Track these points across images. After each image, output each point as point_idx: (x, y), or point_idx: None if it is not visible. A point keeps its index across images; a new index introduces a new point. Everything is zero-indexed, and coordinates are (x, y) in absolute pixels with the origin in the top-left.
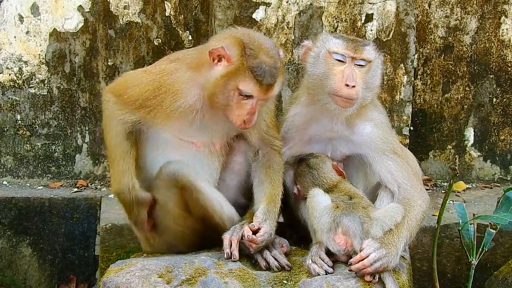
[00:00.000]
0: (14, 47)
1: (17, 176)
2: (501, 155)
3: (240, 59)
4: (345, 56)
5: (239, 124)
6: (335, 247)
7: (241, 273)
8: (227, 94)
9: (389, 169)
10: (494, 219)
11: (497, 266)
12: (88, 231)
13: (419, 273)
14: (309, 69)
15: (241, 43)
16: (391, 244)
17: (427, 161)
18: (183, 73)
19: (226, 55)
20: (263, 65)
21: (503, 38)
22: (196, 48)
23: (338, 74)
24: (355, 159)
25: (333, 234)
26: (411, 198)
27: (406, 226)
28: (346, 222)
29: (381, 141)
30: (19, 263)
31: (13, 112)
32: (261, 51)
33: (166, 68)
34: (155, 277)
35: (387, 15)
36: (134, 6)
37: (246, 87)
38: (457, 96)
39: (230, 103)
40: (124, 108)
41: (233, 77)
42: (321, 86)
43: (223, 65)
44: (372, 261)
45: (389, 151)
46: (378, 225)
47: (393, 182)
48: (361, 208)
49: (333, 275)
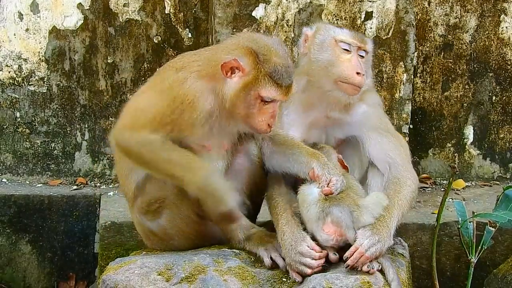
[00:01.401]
0: (13, 45)
1: (17, 174)
2: (500, 153)
3: (256, 67)
4: (352, 45)
5: (264, 128)
6: (323, 236)
7: (241, 270)
8: (248, 103)
9: (382, 146)
10: (493, 217)
11: (496, 264)
12: (87, 229)
13: (418, 271)
14: (314, 55)
15: (252, 51)
16: (382, 227)
17: (427, 159)
18: (194, 82)
19: (240, 67)
20: (279, 67)
21: (503, 36)
22: (200, 54)
23: (346, 62)
24: (349, 144)
25: (321, 223)
26: (401, 177)
27: (396, 206)
28: (335, 212)
29: (375, 118)
30: (19, 261)
31: (12, 110)
32: (273, 54)
33: (175, 79)
34: (155, 275)
35: (386, 13)
36: (133, 4)
37: (268, 93)
38: (457, 94)
39: (252, 110)
40: (152, 132)
41: (253, 87)
42: (326, 73)
43: (238, 77)
44: (367, 247)
45: (383, 129)
46: (368, 212)
47: (385, 159)
48: (348, 197)
49: (333, 273)
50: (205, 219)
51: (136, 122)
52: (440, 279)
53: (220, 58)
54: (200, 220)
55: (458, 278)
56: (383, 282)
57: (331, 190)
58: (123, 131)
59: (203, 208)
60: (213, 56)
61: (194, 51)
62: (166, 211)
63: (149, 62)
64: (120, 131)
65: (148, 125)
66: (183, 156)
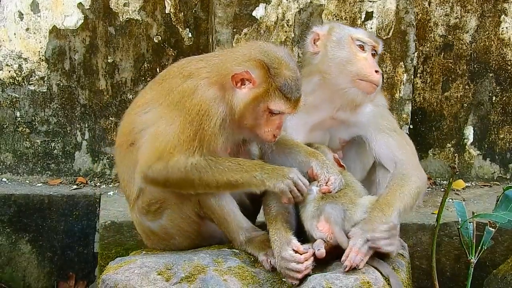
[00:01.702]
0: (14, 44)
1: (17, 173)
2: (500, 154)
3: (267, 80)
4: (367, 44)
5: (270, 139)
6: (318, 234)
7: (240, 270)
8: (256, 115)
9: (388, 145)
10: (493, 217)
11: (496, 265)
12: (87, 228)
13: (418, 271)
14: (330, 52)
15: (264, 64)
16: (376, 221)
17: (427, 160)
18: (206, 90)
19: (251, 79)
20: (289, 81)
21: (503, 37)
22: (208, 60)
23: (363, 60)
24: (352, 146)
25: (316, 221)
26: (407, 173)
27: (398, 197)
28: (328, 209)
29: (381, 118)
30: (18, 260)
31: (12, 109)
32: (283, 67)
33: (184, 88)
34: (154, 274)
35: (387, 13)
36: (134, 4)
37: (277, 106)
38: (457, 94)
39: (260, 122)
40: (186, 156)
41: (262, 99)
42: (344, 70)
43: (248, 88)
44: (360, 246)
45: (389, 129)
46: (362, 211)
47: (391, 158)
48: (345, 196)
49: (332, 273)
50: (205, 219)
51: (164, 150)
52: (440, 279)
53: (231, 68)
54: (201, 220)
55: (458, 279)
56: (383, 282)
57: (329, 189)
58: (152, 164)
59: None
60: (224, 65)
61: (200, 56)
62: (167, 211)
63: (149, 62)
64: (149, 166)
65: (177, 149)
66: (239, 163)
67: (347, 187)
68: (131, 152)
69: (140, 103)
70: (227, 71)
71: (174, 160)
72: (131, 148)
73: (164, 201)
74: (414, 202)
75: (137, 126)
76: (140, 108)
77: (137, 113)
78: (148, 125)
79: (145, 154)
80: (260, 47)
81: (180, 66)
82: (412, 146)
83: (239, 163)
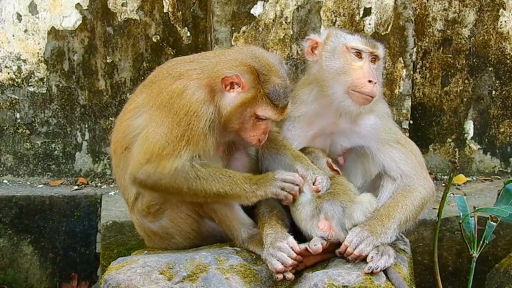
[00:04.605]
0: (12, 46)
1: (17, 175)
2: (501, 148)
3: (256, 86)
4: (364, 51)
5: (255, 143)
6: (318, 233)
7: (242, 268)
8: (243, 119)
9: (393, 158)
10: (494, 211)
11: (498, 259)
12: (89, 229)
13: (420, 267)
14: (325, 63)
15: (254, 70)
16: (376, 224)
17: (427, 155)
18: (195, 91)
19: (241, 83)
20: (278, 88)
21: (502, 31)
22: (198, 62)
23: (358, 70)
24: (353, 151)
25: (316, 220)
26: (412, 184)
27: (400, 208)
28: (326, 207)
29: (384, 132)
30: (20, 262)
31: (12, 111)
32: (273, 74)
33: (174, 89)
34: (156, 274)
35: (385, 8)
36: (132, 3)
37: (263, 112)
38: (456, 89)
39: (246, 126)
40: (174, 158)
41: (250, 104)
42: (338, 81)
43: (237, 92)
44: (355, 245)
45: (393, 141)
46: (360, 210)
47: (396, 170)
48: (342, 194)
49: (334, 269)
50: (205, 218)
51: (152, 151)
52: (442, 274)
53: (221, 71)
54: (201, 219)
55: (460, 273)
56: (384, 278)
57: (318, 188)
58: (142, 167)
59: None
60: (215, 67)
61: (190, 57)
62: (167, 212)
63: (148, 61)
64: (139, 168)
65: (165, 150)
66: (229, 175)
67: (343, 188)
68: (126, 157)
69: (131, 107)
70: (218, 74)
71: (163, 163)
72: (126, 152)
73: (164, 202)
74: (418, 213)
75: (131, 131)
76: (132, 112)
77: (130, 118)
78: (142, 129)
79: (134, 156)
80: (251, 52)
81: (170, 68)
82: (419, 154)
83: (230, 175)
